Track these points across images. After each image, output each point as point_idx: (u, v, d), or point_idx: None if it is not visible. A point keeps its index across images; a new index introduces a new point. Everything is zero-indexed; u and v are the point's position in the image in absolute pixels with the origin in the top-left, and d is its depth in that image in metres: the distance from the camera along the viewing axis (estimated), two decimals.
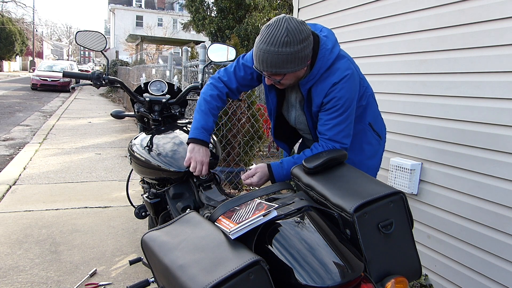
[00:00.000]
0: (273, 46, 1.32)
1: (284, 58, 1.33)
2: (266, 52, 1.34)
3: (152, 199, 1.90)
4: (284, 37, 1.31)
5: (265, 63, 1.36)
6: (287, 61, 1.34)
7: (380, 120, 1.72)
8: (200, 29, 13.07)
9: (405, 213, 1.12)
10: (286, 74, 1.41)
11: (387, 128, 2.46)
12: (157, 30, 33.48)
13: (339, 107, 1.45)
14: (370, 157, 1.67)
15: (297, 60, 1.36)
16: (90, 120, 8.92)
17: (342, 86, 1.43)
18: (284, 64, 1.35)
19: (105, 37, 2.05)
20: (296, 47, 1.33)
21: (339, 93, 1.43)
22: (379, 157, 1.72)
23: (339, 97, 1.43)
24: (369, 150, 1.66)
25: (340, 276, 0.93)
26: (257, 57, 1.38)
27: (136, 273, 2.43)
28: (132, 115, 2.24)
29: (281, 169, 1.53)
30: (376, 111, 1.70)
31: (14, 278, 2.30)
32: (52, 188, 3.97)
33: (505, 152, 1.87)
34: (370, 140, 1.65)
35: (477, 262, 2.01)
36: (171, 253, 0.96)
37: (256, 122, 4.19)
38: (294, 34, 1.32)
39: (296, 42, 1.32)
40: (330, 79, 1.44)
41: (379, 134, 1.70)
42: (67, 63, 20.94)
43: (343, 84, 1.43)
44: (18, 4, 35.21)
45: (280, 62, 1.34)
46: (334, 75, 1.44)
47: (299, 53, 1.34)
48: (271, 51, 1.33)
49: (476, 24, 1.98)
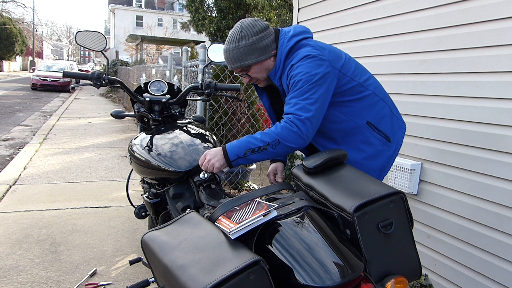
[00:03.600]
0: (231, 43, 1.53)
1: (242, 51, 1.52)
2: (227, 50, 1.55)
3: (152, 199, 1.90)
4: (239, 33, 1.51)
5: (229, 60, 1.56)
6: (246, 53, 1.52)
7: (388, 122, 1.66)
8: (199, 29, 13.06)
9: (405, 213, 1.12)
10: (251, 66, 1.56)
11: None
12: (157, 30, 33.47)
13: (295, 83, 1.46)
14: (369, 157, 1.62)
15: (256, 51, 1.52)
16: (90, 120, 8.92)
17: (298, 65, 1.48)
18: (244, 56, 1.53)
19: (105, 37, 2.05)
20: (251, 39, 1.50)
21: (295, 71, 1.47)
22: (384, 159, 1.65)
23: (295, 74, 1.47)
24: (367, 150, 1.61)
25: (340, 276, 0.93)
26: (224, 58, 1.58)
27: (136, 273, 2.43)
28: (132, 115, 2.24)
29: (233, 144, 1.45)
30: (383, 112, 1.64)
31: (14, 278, 2.30)
32: (52, 188, 3.97)
33: (505, 152, 1.87)
34: (368, 140, 1.61)
35: (477, 262, 2.01)
36: (171, 253, 0.96)
37: (256, 122, 4.19)
38: (247, 29, 1.51)
39: (250, 34, 1.50)
40: (290, 63, 1.52)
41: (386, 135, 1.64)
42: (67, 63, 20.93)
43: (299, 63, 1.48)
44: (18, 4, 35.23)
45: (240, 55, 1.53)
46: (294, 59, 1.51)
47: (256, 44, 1.51)
48: (230, 48, 1.54)
49: (476, 24, 1.98)
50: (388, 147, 1.66)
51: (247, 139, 1.44)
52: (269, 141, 1.40)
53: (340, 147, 1.62)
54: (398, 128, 1.71)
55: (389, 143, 1.67)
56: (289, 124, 1.41)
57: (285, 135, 1.41)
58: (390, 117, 1.67)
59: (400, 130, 1.72)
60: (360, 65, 1.67)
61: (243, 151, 1.42)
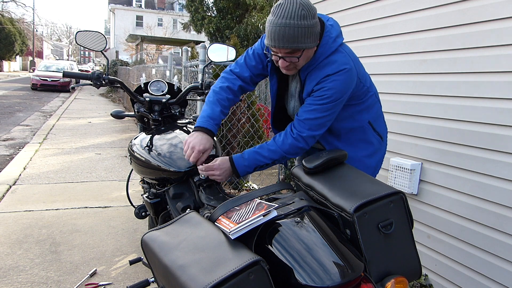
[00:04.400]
0: (290, 19, 1.28)
1: (302, 31, 1.30)
2: (284, 25, 1.28)
3: (152, 199, 1.90)
4: (300, 10, 1.29)
5: (284, 37, 1.30)
6: (305, 35, 1.31)
7: (382, 121, 1.72)
8: (199, 29, 13.06)
9: (405, 213, 1.12)
10: (304, 51, 1.36)
11: (387, 128, 2.47)
12: (157, 30, 33.47)
13: (325, 97, 1.43)
14: (368, 155, 1.66)
15: (313, 36, 1.33)
16: (90, 120, 8.92)
17: (335, 78, 1.42)
18: (302, 38, 1.31)
19: (105, 37, 2.05)
20: (311, 21, 1.31)
21: (330, 83, 1.42)
22: (379, 158, 1.72)
23: (329, 88, 1.42)
24: (367, 149, 1.65)
25: (340, 276, 0.93)
26: (272, 34, 1.31)
27: (136, 273, 2.43)
28: (132, 115, 2.24)
29: (242, 160, 1.50)
30: (379, 112, 1.69)
31: (14, 278, 2.30)
32: (52, 188, 3.97)
33: (505, 152, 1.87)
34: (368, 138, 1.65)
35: (477, 262, 2.01)
36: (171, 253, 0.96)
37: (256, 122, 4.19)
38: (308, 8, 1.30)
39: (311, 16, 1.31)
40: (326, 70, 1.43)
41: (380, 134, 1.69)
42: (67, 63, 20.94)
43: (336, 76, 1.42)
44: (18, 4, 35.23)
45: (299, 36, 1.30)
46: (331, 66, 1.43)
47: (314, 28, 1.33)
48: (289, 24, 1.28)
49: (476, 24, 1.98)
50: (381, 146, 1.72)
51: (255, 156, 1.50)
52: (276, 158, 1.50)
53: (341, 143, 1.64)
54: (385, 126, 1.76)
55: (382, 142, 1.72)
56: (300, 141, 1.48)
57: (293, 152, 1.50)
58: (382, 117, 1.73)
59: (385, 128, 1.77)
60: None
61: (252, 168, 1.51)
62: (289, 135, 1.49)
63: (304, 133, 1.47)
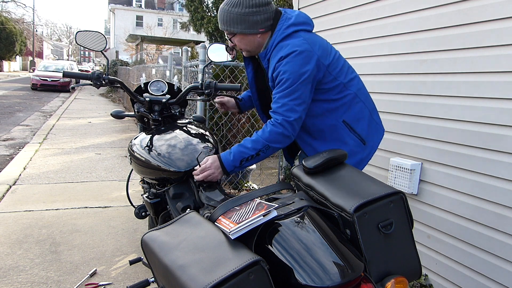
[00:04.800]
0: (226, 5, 1.56)
1: (231, 17, 1.55)
2: (221, 10, 1.57)
3: (152, 199, 1.90)
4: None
5: (220, 20, 1.59)
6: (234, 21, 1.55)
7: (366, 125, 1.67)
8: (198, 28, 13.06)
9: (405, 213, 1.12)
10: (236, 35, 1.60)
11: (386, 128, 2.47)
12: (157, 30, 33.47)
13: (284, 81, 1.49)
14: None
15: (245, 23, 1.54)
16: (90, 120, 8.92)
17: (287, 61, 1.49)
18: (231, 23, 1.56)
19: (105, 37, 2.05)
20: (244, 10, 1.52)
21: (284, 67, 1.49)
22: (356, 160, 1.66)
23: (284, 71, 1.49)
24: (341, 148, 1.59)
25: (340, 276, 0.93)
26: (218, 16, 1.61)
27: (136, 273, 2.43)
28: (132, 115, 2.24)
29: (228, 155, 1.56)
30: (362, 114, 1.66)
31: (14, 278, 2.30)
32: (52, 188, 3.97)
33: (505, 152, 1.87)
34: (342, 138, 1.63)
35: (477, 262, 2.01)
36: (171, 253, 0.96)
37: (256, 122, 4.19)
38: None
39: (245, 5, 1.52)
40: (279, 53, 1.52)
41: (361, 137, 1.65)
42: (67, 63, 20.93)
43: (289, 59, 1.49)
44: (18, 4, 35.22)
45: (229, 20, 1.56)
46: (283, 49, 1.51)
47: (247, 16, 1.53)
48: (223, 9, 1.56)
49: (476, 24, 1.98)
50: (362, 149, 1.67)
51: (240, 149, 1.55)
52: (260, 148, 1.54)
53: (316, 141, 1.67)
54: (376, 132, 1.72)
55: (363, 145, 1.67)
56: (278, 127, 1.51)
57: (274, 139, 1.53)
58: (368, 120, 1.69)
59: (377, 135, 1.73)
60: (347, 64, 1.68)
61: (239, 161, 1.55)
62: (267, 124, 1.55)
63: (279, 119, 1.51)
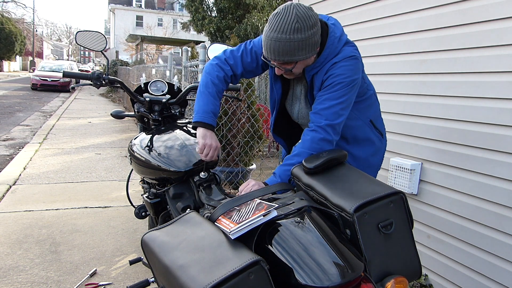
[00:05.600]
0: (283, 33, 1.30)
1: (295, 45, 1.31)
2: (277, 40, 1.31)
3: (152, 199, 1.90)
4: (295, 23, 1.29)
5: (277, 51, 1.33)
6: (299, 48, 1.32)
7: (381, 119, 1.75)
8: (199, 29, 13.07)
9: (405, 213, 1.12)
10: (298, 62, 1.38)
11: (386, 128, 2.47)
12: (157, 30, 33.46)
13: (335, 83, 1.41)
14: (373, 154, 1.68)
15: (308, 47, 1.34)
16: (90, 120, 8.92)
17: (342, 64, 1.41)
18: (295, 52, 1.33)
19: (105, 37, 2.05)
20: (306, 33, 1.31)
21: (337, 70, 1.41)
22: (381, 156, 1.74)
23: (337, 74, 1.41)
24: (371, 147, 1.67)
25: (340, 276, 0.93)
26: (267, 46, 1.34)
27: (136, 273, 2.43)
28: (132, 115, 2.24)
29: (275, 179, 1.47)
30: (378, 110, 1.72)
31: (14, 278, 2.30)
32: (52, 188, 3.97)
33: (505, 152, 1.87)
34: (371, 137, 1.67)
35: (477, 262, 2.01)
36: (171, 253, 0.96)
37: (256, 122, 4.19)
38: (304, 20, 1.30)
39: (307, 28, 1.30)
40: (332, 60, 1.43)
41: (381, 132, 1.72)
42: (67, 63, 20.93)
43: (343, 62, 1.41)
44: (18, 4, 35.23)
45: (292, 50, 1.32)
46: (337, 56, 1.43)
47: (309, 39, 1.33)
48: (282, 38, 1.30)
49: (476, 24, 1.98)
50: (382, 144, 1.74)
51: (284, 169, 1.42)
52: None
53: (350, 146, 1.64)
54: (383, 123, 1.78)
55: (382, 140, 1.74)
56: (320, 132, 1.41)
57: (317, 147, 1.41)
58: (381, 115, 1.76)
59: (384, 126, 1.79)
60: None
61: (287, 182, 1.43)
62: (307, 132, 1.45)
63: (322, 123, 1.42)
